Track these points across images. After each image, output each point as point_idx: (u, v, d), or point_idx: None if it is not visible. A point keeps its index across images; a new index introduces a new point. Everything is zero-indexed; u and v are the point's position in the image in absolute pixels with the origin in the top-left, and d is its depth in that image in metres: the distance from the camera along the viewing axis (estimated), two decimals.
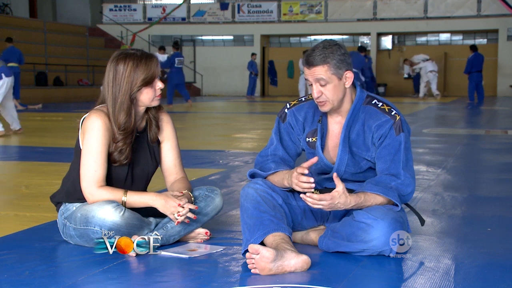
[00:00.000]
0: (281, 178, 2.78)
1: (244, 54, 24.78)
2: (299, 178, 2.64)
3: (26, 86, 18.05)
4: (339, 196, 2.62)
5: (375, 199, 2.69)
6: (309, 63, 2.73)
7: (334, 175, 2.67)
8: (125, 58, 2.83)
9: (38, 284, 2.35)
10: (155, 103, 2.91)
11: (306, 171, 2.64)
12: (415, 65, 22.20)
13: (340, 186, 2.63)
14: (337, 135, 2.84)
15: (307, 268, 2.50)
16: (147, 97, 2.86)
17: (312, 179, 2.63)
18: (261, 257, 2.43)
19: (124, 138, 2.84)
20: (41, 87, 18.76)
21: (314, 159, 2.67)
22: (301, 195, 2.66)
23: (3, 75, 8.18)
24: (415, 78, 23.59)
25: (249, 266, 2.48)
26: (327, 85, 2.73)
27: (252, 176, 2.89)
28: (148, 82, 2.84)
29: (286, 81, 25.41)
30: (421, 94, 21.91)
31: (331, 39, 2.80)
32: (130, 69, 2.81)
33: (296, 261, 2.48)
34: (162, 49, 17.36)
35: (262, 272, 2.44)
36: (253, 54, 23.56)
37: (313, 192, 2.65)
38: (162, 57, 16.46)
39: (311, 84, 2.77)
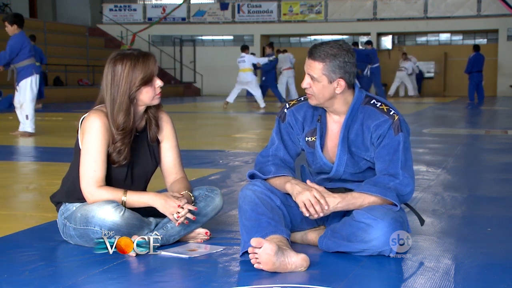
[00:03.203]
0: (283, 182, 2.77)
1: None
2: (315, 204, 2.63)
3: None
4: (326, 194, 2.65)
5: (366, 198, 2.69)
6: (310, 54, 2.74)
7: (308, 181, 2.71)
8: (122, 58, 2.82)
9: (38, 284, 2.35)
10: (156, 101, 2.90)
11: (322, 201, 2.65)
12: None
13: (319, 188, 2.68)
14: (336, 135, 2.84)
15: (306, 265, 2.50)
16: (147, 96, 2.86)
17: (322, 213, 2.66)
18: (264, 250, 2.43)
19: (122, 138, 2.83)
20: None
21: (318, 188, 2.70)
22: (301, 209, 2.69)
23: (34, 71, 8.23)
24: (415, 78, 23.64)
25: (252, 261, 2.48)
26: (316, 83, 2.74)
27: (252, 177, 2.89)
28: (147, 81, 2.83)
29: None
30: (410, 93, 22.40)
31: (343, 42, 2.77)
32: (128, 69, 2.80)
33: (296, 259, 2.48)
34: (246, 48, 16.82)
35: (265, 266, 2.44)
36: (252, 54, 23.52)
37: None
38: (261, 59, 16.28)
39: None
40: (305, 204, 2.64)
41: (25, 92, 8.25)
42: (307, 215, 2.66)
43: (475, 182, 4.99)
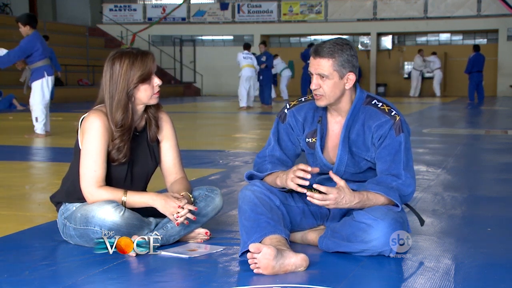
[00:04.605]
0: (274, 177, 2.76)
1: None
2: (296, 173, 2.61)
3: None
4: (343, 191, 2.60)
5: (377, 198, 2.69)
6: (316, 53, 2.72)
7: (330, 173, 2.66)
8: (121, 56, 2.83)
9: (38, 284, 2.35)
10: (153, 101, 2.90)
11: (308, 168, 2.61)
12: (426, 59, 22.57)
13: (341, 181, 2.62)
14: (337, 135, 2.84)
15: (306, 265, 2.50)
16: (145, 94, 2.86)
17: (309, 175, 2.61)
18: (263, 255, 2.43)
19: (121, 136, 2.84)
20: None
21: (315, 169, 2.65)
22: (308, 195, 2.61)
23: (45, 73, 8.17)
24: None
25: (251, 266, 2.47)
26: (327, 80, 2.72)
27: (250, 177, 2.89)
28: (144, 79, 2.84)
29: None
30: (416, 93, 22.30)
31: (343, 38, 2.79)
32: (126, 66, 2.81)
33: (295, 259, 2.48)
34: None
35: (265, 270, 2.44)
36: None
37: (311, 190, 2.62)
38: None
39: (313, 74, 2.76)
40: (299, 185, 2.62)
41: (35, 94, 8.20)
42: (322, 203, 2.62)
43: (475, 182, 4.99)
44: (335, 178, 2.63)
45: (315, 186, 2.60)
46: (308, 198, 2.62)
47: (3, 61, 7.92)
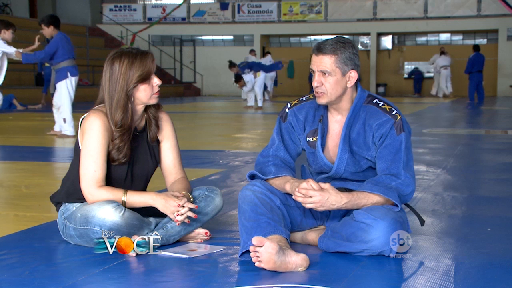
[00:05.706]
0: (283, 181, 2.77)
1: (244, 54, 24.76)
2: (300, 191, 2.63)
3: (26, 86, 18.04)
4: (328, 192, 2.62)
5: (370, 197, 2.69)
6: (319, 50, 2.73)
7: (310, 180, 2.67)
8: (120, 56, 2.84)
9: (38, 284, 2.35)
10: (153, 101, 2.90)
11: (315, 187, 2.64)
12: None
13: (325, 185, 2.65)
14: (337, 135, 2.84)
15: (306, 265, 2.50)
16: (145, 94, 2.86)
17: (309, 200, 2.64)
18: (266, 248, 2.43)
19: (121, 135, 2.84)
20: (41, 87, 18.71)
21: (325, 186, 2.67)
22: (293, 198, 2.67)
23: (69, 73, 8.21)
24: (416, 78, 23.62)
25: (253, 259, 2.48)
26: (329, 78, 2.73)
27: (252, 177, 2.89)
28: (144, 79, 2.84)
29: (286, 81, 25.41)
30: (439, 93, 21.85)
31: (345, 37, 2.80)
32: (126, 66, 2.82)
33: (296, 258, 2.48)
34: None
35: (267, 264, 2.44)
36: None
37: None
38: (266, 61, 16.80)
39: (314, 72, 2.77)
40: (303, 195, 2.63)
41: (61, 95, 8.23)
42: (307, 206, 2.65)
43: (475, 182, 4.99)
44: (321, 184, 2.66)
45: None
46: (293, 197, 2.66)
47: (28, 58, 8.05)
